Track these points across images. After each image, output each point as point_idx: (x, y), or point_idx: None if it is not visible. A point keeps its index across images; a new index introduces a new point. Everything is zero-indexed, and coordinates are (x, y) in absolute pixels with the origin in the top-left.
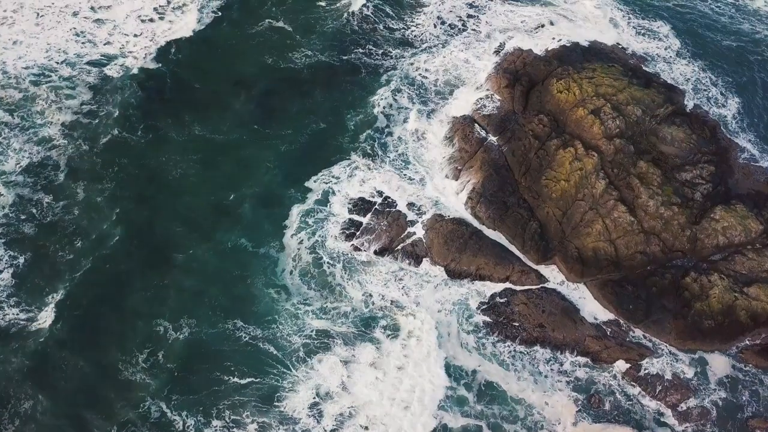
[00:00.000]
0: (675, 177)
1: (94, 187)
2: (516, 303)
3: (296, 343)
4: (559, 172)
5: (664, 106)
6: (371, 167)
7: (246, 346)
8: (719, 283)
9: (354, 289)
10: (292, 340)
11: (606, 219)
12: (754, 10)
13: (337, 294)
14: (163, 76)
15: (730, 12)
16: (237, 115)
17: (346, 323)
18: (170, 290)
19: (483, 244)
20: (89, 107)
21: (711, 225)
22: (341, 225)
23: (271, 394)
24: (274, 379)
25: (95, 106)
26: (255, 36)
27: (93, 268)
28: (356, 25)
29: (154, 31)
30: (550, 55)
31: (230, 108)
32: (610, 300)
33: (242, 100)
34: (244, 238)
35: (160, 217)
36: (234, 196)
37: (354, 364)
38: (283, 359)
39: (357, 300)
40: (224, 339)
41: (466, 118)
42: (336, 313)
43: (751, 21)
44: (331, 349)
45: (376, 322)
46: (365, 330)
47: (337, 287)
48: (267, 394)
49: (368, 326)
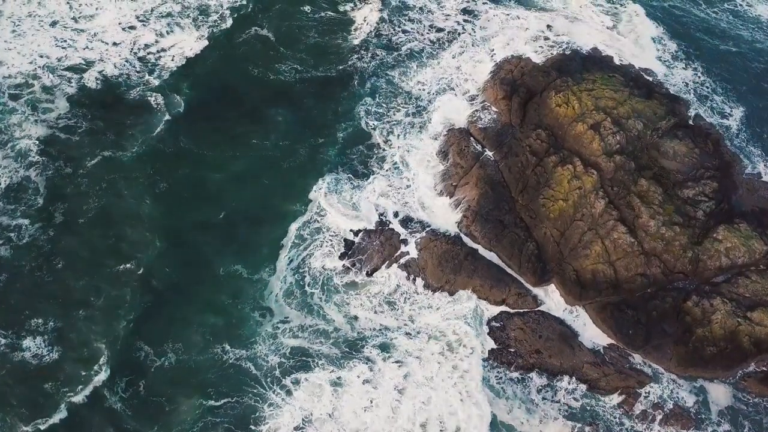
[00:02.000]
0: (677, 194)
1: (73, 208)
2: (512, 328)
3: (274, 363)
4: (557, 190)
5: (666, 119)
6: (362, 183)
7: (229, 368)
8: (722, 308)
9: (340, 312)
10: (269, 360)
11: (605, 240)
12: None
13: (323, 317)
14: (147, 88)
15: (728, 18)
16: (227, 129)
17: (331, 345)
18: (156, 315)
19: (478, 265)
20: (66, 121)
21: (713, 246)
22: (332, 245)
23: (248, 415)
24: (253, 400)
25: (73, 119)
26: (241, 45)
27: (75, 293)
28: (349, 34)
29: (135, 41)
30: (549, 64)
31: (219, 121)
32: (609, 324)
33: (232, 113)
34: (237, 263)
35: (150, 238)
36: (224, 214)
37: (343, 387)
38: (264, 382)
39: (341, 322)
40: (208, 364)
41: (461, 131)
42: (323, 335)
43: (749, 28)
44: (316, 372)
45: (363, 345)
46: (351, 353)
47: (324, 310)
48: (243, 416)
49: (356, 349)
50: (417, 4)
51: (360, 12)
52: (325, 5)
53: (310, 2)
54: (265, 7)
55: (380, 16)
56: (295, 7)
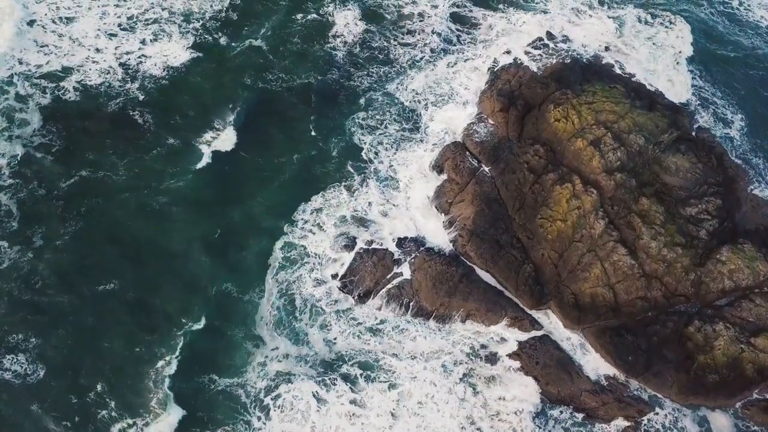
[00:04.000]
0: (679, 212)
1: (52, 230)
2: (507, 354)
3: (260, 388)
4: (555, 210)
5: (668, 132)
6: (355, 200)
7: (218, 395)
8: (724, 334)
9: (327, 338)
10: (257, 386)
11: (605, 262)
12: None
13: (312, 344)
14: (132, 100)
15: (725, 22)
16: (215, 144)
17: (318, 371)
18: (140, 343)
19: (474, 287)
20: (41, 139)
21: (717, 267)
22: (323, 266)
23: None
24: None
25: (48, 136)
26: (234, 58)
27: (57, 319)
28: (339, 43)
29: (118, 47)
30: (548, 74)
31: (206, 136)
32: (608, 351)
33: (218, 126)
34: (229, 283)
35: (137, 260)
36: (219, 232)
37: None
38: (249, 408)
39: (327, 350)
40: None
41: (456, 144)
42: (311, 362)
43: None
44: (309, 401)
45: (352, 371)
46: (336, 379)
47: (311, 337)
48: None
49: (345, 377)
50: (412, 11)
51: (347, 20)
52: (312, 11)
53: (298, 9)
54: (251, 14)
55: (371, 24)
56: (281, 14)
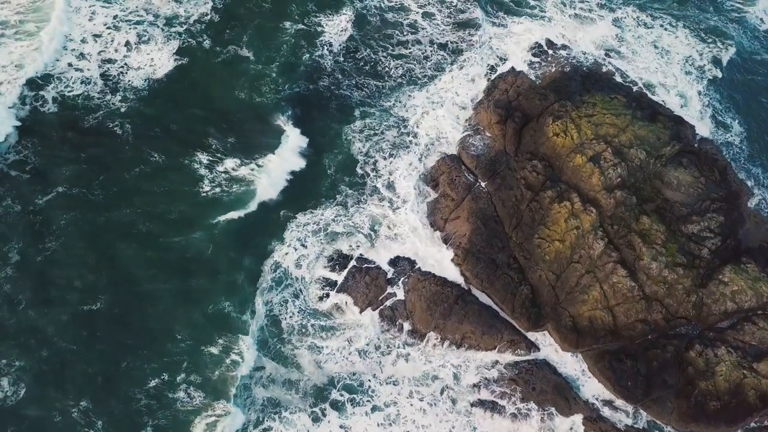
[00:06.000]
0: (680, 230)
1: (30, 247)
2: (504, 379)
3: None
4: (553, 230)
5: (670, 144)
6: (348, 217)
7: None
8: (726, 359)
9: (317, 360)
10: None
11: (604, 284)
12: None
13: (299, 367)
14: (110, 111)
15: (730, 26)
16: (200, 157)
17: (306, 397)
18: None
19: (469, 309)
20: (15, 156)
21: (719, 289)
22: (314, 284)
23: None
24: None
25: (24, 152)
26: (213, 63)
27: (37, 338)
28: (330, 53)
29: (100, 54)
30: (546, 83)
31: (191, 149)
32: (607, 376)
33: (205, 139)
34: (212, 303)
35: (119, 279)
36: (203, 251)
37: None
38: None
39: (318, 374)
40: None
41: (452, 158)
42: (299, 389)
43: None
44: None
45: (340, 397)
46: (329, 407)
47: (301, 359)
48: None
49: (334, 405)
50: (406, 20)
51: (340, 29)
52: (299, 18)
53: (286, 15)
54: (236, 19)
55: (365, 32)
56: (268, 21)
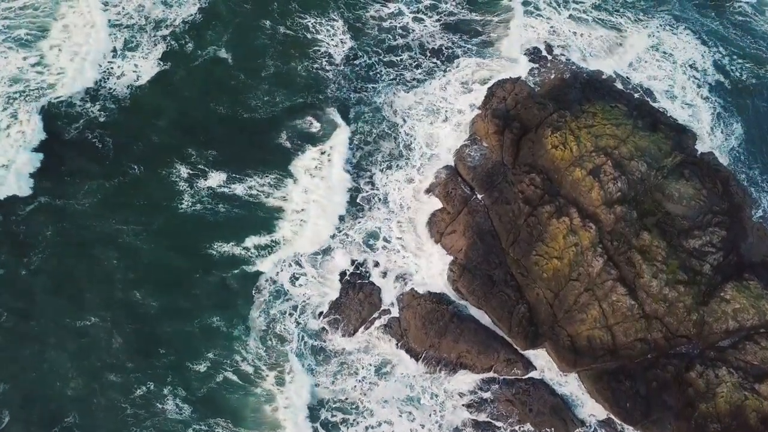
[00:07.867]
0: (682, 245)
1: (16, 260)
2: (500, 399)
3: None
4: (551, 247)
5: (672, 155)
6: (341, 232)
7: None
8: (727, 380)
9: (310, 380)
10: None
11: (603, 303)
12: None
13: (293, 386)
14: (91, 123)
15: (733, 31)
16: (185, 168)
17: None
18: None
19: (465, 327)
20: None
21: (720, 307)
22: (307, 302)
23: None
24: None
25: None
26: (199, 71)
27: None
28: (324, 59)
29: (83, 63)
30: (545, 91)
31: (175, 159)
32: (605, 396)
33: (193, 150)
34: (205, 320)
35: (107, 293)
36: (193, 268)
37: None
38: None
39: (311, 395)
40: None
41: (448, 169)
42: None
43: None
44: None
45: (332, 418)
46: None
47: (294, 377)
48: None
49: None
50: (399, 24)
51: (334, 34)
52: (289, 24)
53: (272, 18)
54: (225, 24)
55: (359, 39)
56: (258, 26)
